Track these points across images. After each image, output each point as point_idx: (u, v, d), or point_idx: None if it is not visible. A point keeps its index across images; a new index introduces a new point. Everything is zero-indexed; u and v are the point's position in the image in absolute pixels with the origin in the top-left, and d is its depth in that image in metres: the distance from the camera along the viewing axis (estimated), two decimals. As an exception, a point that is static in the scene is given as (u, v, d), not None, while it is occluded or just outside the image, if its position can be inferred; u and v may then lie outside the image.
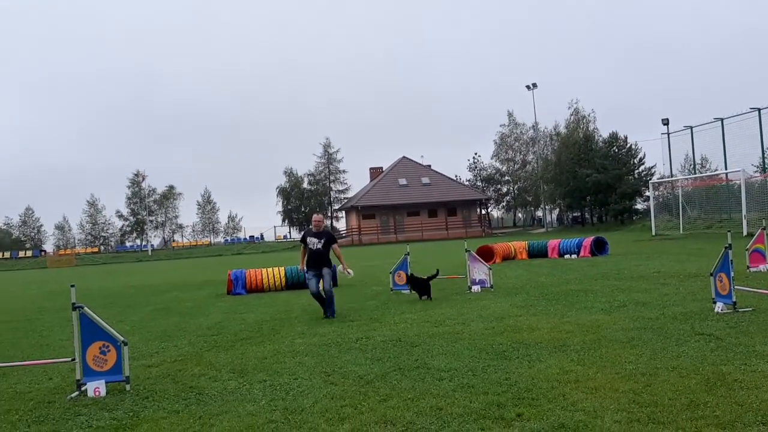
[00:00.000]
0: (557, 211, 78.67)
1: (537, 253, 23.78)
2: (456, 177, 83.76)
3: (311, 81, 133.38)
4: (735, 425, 4.41)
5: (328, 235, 10.71)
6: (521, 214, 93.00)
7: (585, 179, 58.21)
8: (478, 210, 75.23)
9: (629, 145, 60.22)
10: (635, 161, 60.21)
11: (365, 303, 12.89)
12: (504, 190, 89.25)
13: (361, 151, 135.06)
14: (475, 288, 13.60)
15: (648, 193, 49.80)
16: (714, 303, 9.04)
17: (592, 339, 7.61)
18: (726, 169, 38.84)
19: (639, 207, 60.96)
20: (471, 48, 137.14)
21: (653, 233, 37.53)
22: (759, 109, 36.92)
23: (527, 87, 69.34)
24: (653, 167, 59.42)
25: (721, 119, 39.90)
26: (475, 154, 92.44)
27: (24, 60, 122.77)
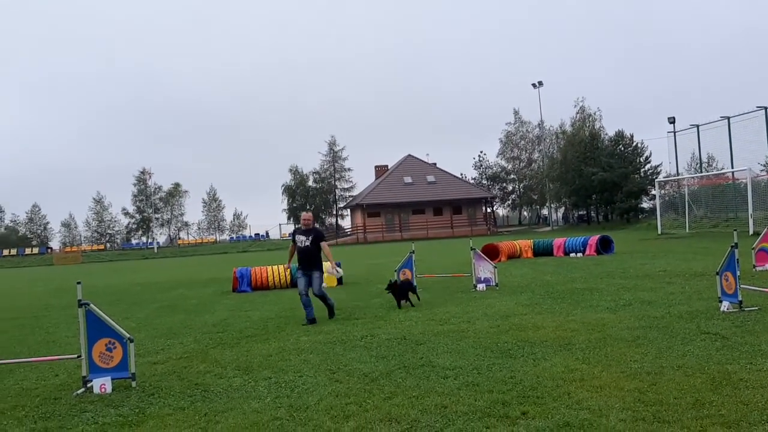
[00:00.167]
0: (563, 210, 78.44)
1: (542, 252, 23.76)
2: (461, 175, 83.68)
3: (316, 79, 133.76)
4: (740, 424, 4.41)
5: (316, 233, 10.62)
6: (527, 212, 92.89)
7: (591, 178, 58.05)
8: (483, 208, 75.12)
9: (635, 144, 60.00)
10: (641, 160, 59.97)
11: (370, 301, 12.91)
12: (509, 188, 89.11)
13: (367, 150, 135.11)
14: (481, 286, 13.60)
15: (654, 192, 49.68)
16: (720, 302, 9.02)
17: (597, 338, 7.60)
18: (732, 168, 38.71)
19: (645, 205, 60.72)
20: (476, 47, 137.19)
21: (659, 232, 37.45)
22: (766, 108, 36.71)
23: (533, 85, 69.27)
24: (659, 166, 59.24)
25: (728, 118, 39.74)
26: (481, 152, 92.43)
27: (25, 60, 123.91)
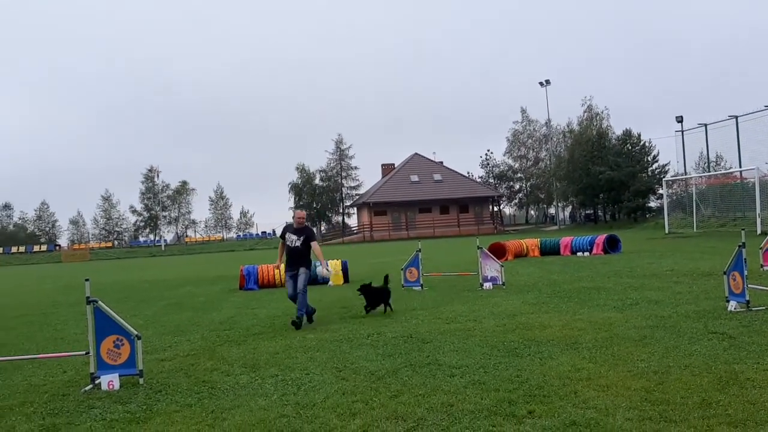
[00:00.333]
0: (570, 209, 78.31)
1: (549, 251, 23.70)
2: (468, 174, 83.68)
3: (324, 78, 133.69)
4: (747, 424, 4.40)
5: (308, 233, 10.05)
6: (533, 211, 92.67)
7: (598, 176, 57.88)
8: (490, 207, 75.03)
9: (643, 143, 59.80)
10: (649, 159, 59.77)
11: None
12: (516, 187, 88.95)
13: (373, 148, 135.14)
14: (487, 285, 13.59)
15: (661, 191, 49.54)
16: (727, 301, 9.00)
17: (604, 337, 7.59)
18: (740, 167, 38.56)
19: (652, 205, 60.56)
20: (484, 45, 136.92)
21: (666, 231, 37.33)
22: (774, 107, 36.58)
23: (540, 84, 69.12)
24: (667, 165, 59.05)
25: (736, 117, 39.56)
26: (488, 150, 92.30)
27: (33, 59, 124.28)
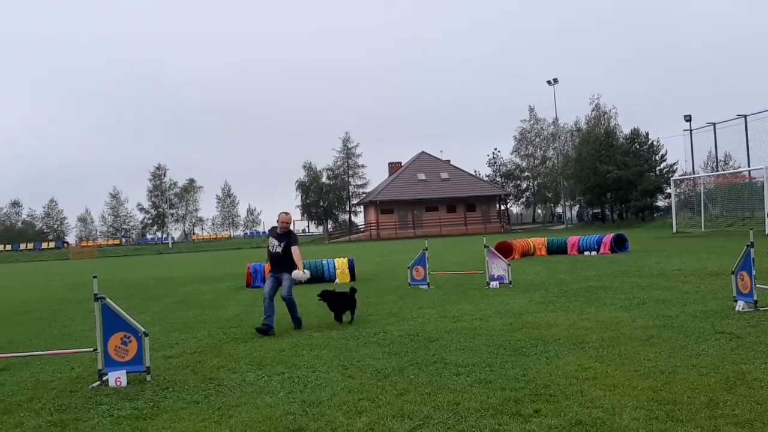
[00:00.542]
0: (577, 208, 78.08)
1: (556, 250, 23.66)
2: (475, 172, 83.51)
3: (331, 76, 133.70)
4: (754, 424, 4.38)
5: (289, 239, 9.66)
6: (541, 210, 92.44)
7: (606, 175, 57.69)
8: (497, 206, 74.89)
9: (651, 142, 59.61)
10: (657, 158, 59.58)
11: (383, 297, 12.93)
12: (523, 186, 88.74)
13: (380, 146, 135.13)
14: (494, 284, 13.57)
15: (669, 190, 49.31)
16: (735, 301, 8.96)
17: (611, 336, 7.57)
18: (749, 167, 38.35)
19: (660, 204, 60.38)
20: (492, 43, 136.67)
21: (674, 231, 37.19)
22: (784, 106, 36.36)
23: (548, 82, 68.96)
24: (675, 164, 58.88)
25: (744, 116, 39.36)
26: (495, 149, 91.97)
27: (42, 57, 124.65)
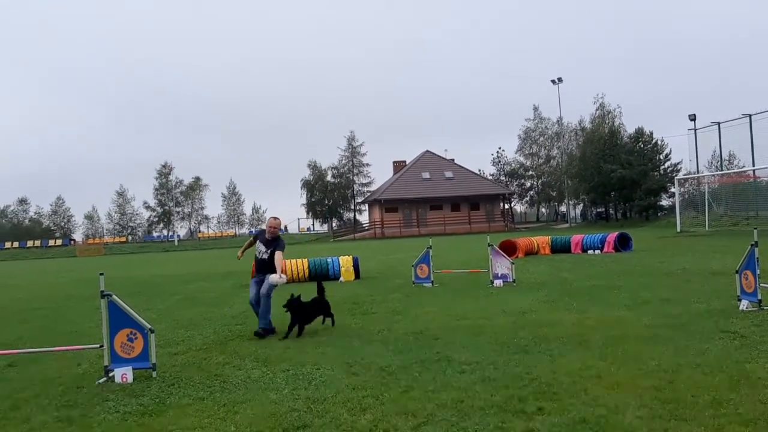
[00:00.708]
0: (581, 207, 77.95)
1: (560, 249, 23.65)
2: (479, 171, 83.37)
3: (335, 74, 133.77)
4: (758, 423, 4.40)
5: (276, 246, 9.36)
6: (545, 209, 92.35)
7: (610, 175, 57.58)
8: (501, 204, 74.73)
9: (655, 141, 59.44)
10: (661, 157, 59.42)
11: (388, 296, 12.95)
12: (528, 184, 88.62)
13: (385, 145, 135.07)
14: (498, 282, 13.58)
15: (673, 190, 49.24)
16: (739, 301, 8.96)
17: (614, 335, 7.58)
18: (753, 166, 38.25)
19: (664, 203, 60.23)
20: (496, 42, 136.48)
21: (678, 230, 37.12)
22: (789, 106, 36.24)
23: (552, 81, 68.96)
24: (679, 163, 58.80)
25: (749, 115, 39.24)
26: (499, 148, 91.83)
27: (49, 55, 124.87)
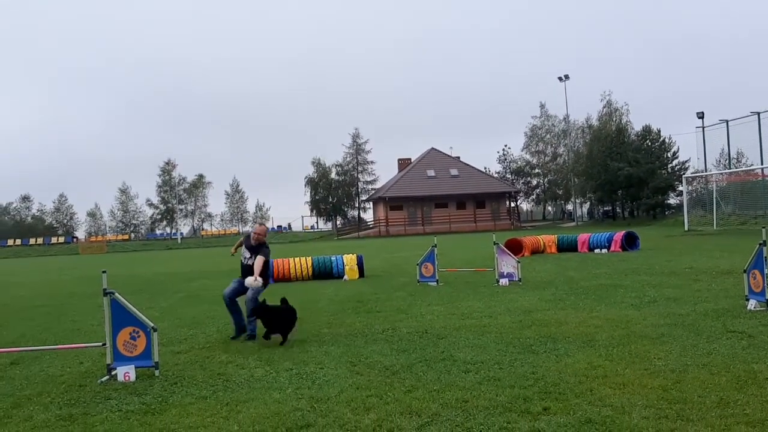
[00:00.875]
0: (588, 205, 77.79)
1: (566, 247, 23.56)
2: (485, 169, 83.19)
3: (340, 71, 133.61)
4: (765, 423, 4.34)
5: (259, 250, 9.41)
6: (551, 207, 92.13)
7: (617, 173, 57.41)
8: (507, 203, 74.65)
9: (663, 139, 59.24)
10: (668, 155, 59.22)
11: (392, 294, 12.91)
12: (534, 182, 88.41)
13: (390, 143, 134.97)
14: (503, 281, 13.53)
15: (681, 188, 49.05)
16: (747, 300, 8.90)
17: (621, 334, 7.53)
18: (762, 165, 38.07)
19: (672, 202, 60.10)
20: (502, 39, 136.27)
21: (686, 228, 36.98)
22: (798, 103, 36.07)
23: (559, 78, 68.70)
24: (687, 161, 58.56)
25: (758, 113, 39.05)
26: (505, 146, 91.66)
27: (52, 52, 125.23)
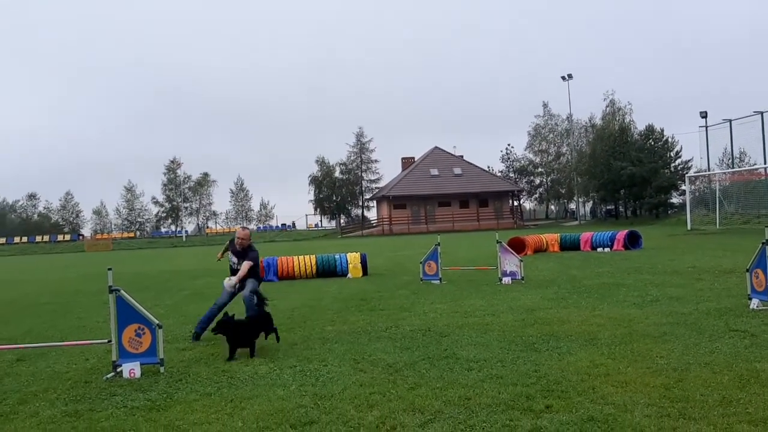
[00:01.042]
0: (590, 204, 77.70)
1: (569, 246, 23.56)
2: (488, 168, 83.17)
3: (344, 70, 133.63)
4: (767, 422, 4.36)
5: (246, 255, 9.24)
6: (554, 206, 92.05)
7: (620, 172, 57.35)
8: (510, 201, 74.60)
9: (666, 138, 59.17)
10: (671, 154, 59.15)
11: (395, 292, 12.94)
12: (537, 181, 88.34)
13: (394, 141, 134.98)
14: (506, 280, 13.55)
15: (684, 187, 48.99)
16: (749, 299, 8.90)
17: (623, 333, 7.55)
18: (765, 164, 38.00)
19: (674, 201, 60.02)
20: (506, 38, 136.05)
21: (689, 228, 36.93)
22: (801, 103, 36.01)
23: (563, 78, 68.65)
24: (690, 161, 58.50)
25: (761, 113, 38.97)
26: (509, 145, 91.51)
27: (60, 51, 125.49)
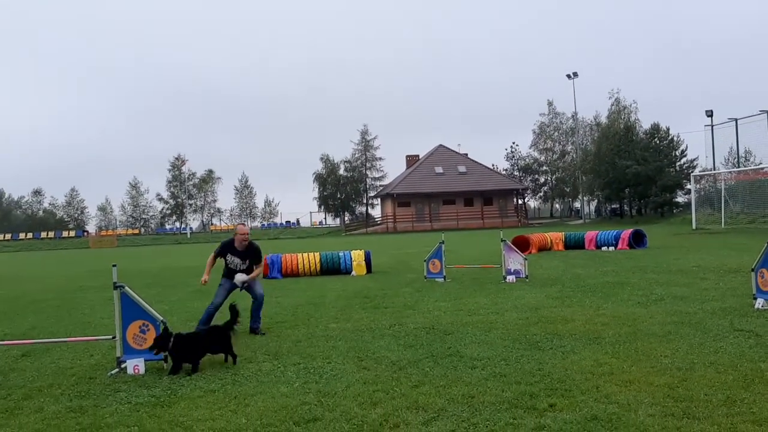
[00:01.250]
0: (595, 203, 77.58)
1: (574, 245, 23.53)
2: (493, 166, 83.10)
3: (348, 68, 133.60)
4: (772, 423, 4.35)
5: (253, 255, 9.09)
6: (558, 204, 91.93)
7: (625, 171, 57.22)
8: (514, 200, 74.53)
9: (671, 137, 59.01)
10: (677, 153, 58.98)
11: (399, 290, 12.94)
12: (541, 180, 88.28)
13: (398, 139, 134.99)
14: (510, 278, 13.54)
15: (689, 186, 48.83)
16: (754, 299, 8.87)
17: (627, 332, 7.53)
18: (771, 163, 37.86)
19: (680, 200, 59.84)
20: (511, 36, 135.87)
21: (694, 227, 36.83)
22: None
23: (568, 76, 68.52)
24: (695, 160, 58.32)
25: (767, 112, 38.82)
26: (513, 143, 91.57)
27: (66, 50, 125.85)
